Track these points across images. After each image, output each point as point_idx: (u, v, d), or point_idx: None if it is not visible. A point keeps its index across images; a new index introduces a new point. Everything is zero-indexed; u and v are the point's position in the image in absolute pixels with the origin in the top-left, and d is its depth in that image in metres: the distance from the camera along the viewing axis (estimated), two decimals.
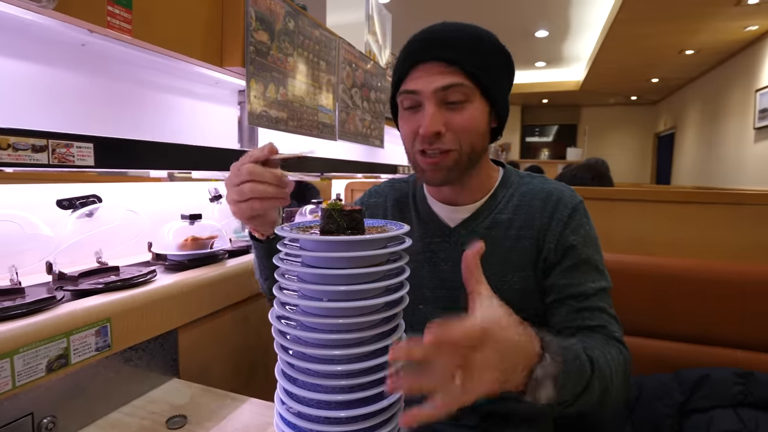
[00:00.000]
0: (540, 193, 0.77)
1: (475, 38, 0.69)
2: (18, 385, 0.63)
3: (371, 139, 1.92)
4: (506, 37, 3.01)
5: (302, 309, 0.53)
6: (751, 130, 5.28)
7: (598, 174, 1.98)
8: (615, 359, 0.62)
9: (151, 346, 0.87)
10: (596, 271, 0.74)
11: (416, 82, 0.69)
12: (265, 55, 1.09)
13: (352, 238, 0.49)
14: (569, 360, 0.52)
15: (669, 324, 1.08)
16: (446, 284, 0.78)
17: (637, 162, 10.12)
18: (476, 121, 0.70)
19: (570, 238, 0.73)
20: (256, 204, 0.62)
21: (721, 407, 0.90)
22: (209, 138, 1.33)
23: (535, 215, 0.76)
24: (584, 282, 0.72)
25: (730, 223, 1.23)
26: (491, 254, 0.75)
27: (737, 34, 5.13)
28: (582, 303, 0.71)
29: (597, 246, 0.76)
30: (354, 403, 0.50)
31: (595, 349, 0.60)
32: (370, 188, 0.94)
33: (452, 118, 0.69)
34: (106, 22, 0.74)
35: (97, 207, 0.98)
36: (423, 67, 0.69)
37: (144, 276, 0.89)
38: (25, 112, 0.86)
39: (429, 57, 0.68)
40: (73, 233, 0.91)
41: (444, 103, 0.69)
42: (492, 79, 0.70)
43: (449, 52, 0.67)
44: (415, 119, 0.71)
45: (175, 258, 1.04)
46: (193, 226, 1.10)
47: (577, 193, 0.79)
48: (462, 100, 0.68)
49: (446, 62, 0.67)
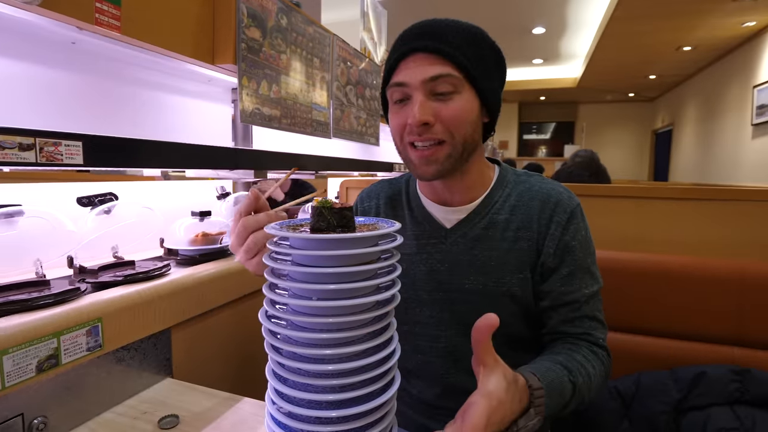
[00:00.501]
0: (538, 194, 0.76)
1: (464, 32, 0.69)
2: (8, 385, 0.62)
3: (366, 137, 1.91)
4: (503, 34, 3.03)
5: (292, 308, 0.52)
6: (749, 126, 5.29)
7: (595, 171, 1.98)
8: (597, 373, 0.69)
9: (143, 346, 0.86)
10: (590, 275, 0.75)
11: (405, 73, 0.68)
12: (258, 52, 1.08)
13: (342, 236, 0.48)
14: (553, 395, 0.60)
15: (666, 321, 1.08)
16: (443, 286, 0.78)
17: (635, 159, 10.14)
18: (466, 113, 0.69)
19: (569, 243, 0.73)
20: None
21: (718, 405, 0.90)
22: (203, 136, 1.32)
23: (533, 216, 0.75)
24: (579, 289, 0.74)
25: (728, 219, 1.23)
26: (488, 257, 0.75)
27: (734, 30, 5.14)
28: (575, 312, 0.74)
29: (592, 247, 0.77)
30: (345, 402, 0.49)
31: (579, 372, 0.66)
32: (361, 193, 0.93)
33: (441, 109, 0.68)
34: (94, 19, 0.73)
35: (114, 204, 1.02)
36: (412, 59, 0.68)
37: (160, 269, 0.94)
38: (16, 110, 0.85)
39: (417, 48, 0.68)
40: (92, 229, 0.96)
41: (433, 94, 0.68)
42: (481, 71, 0.69)
43: (437, 43, 0.67)
44: (404, 112, 0.70)
45: (187, 253, 1.09)
46: (203, 223, 1.16)
47: (575, 192, 0.79)
48: (451, 91, 0.67)
49: (435, 53, 0.67)
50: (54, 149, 0.67)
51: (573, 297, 0.73)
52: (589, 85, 8.28)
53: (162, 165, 0.90)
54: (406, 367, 0.82)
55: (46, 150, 0.66)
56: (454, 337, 0.77)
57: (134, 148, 0.82)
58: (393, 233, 0.53)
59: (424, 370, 0.80)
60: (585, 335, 0.73)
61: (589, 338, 0.73)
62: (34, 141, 0.64)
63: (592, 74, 7.48)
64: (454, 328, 0.77)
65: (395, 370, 0.55)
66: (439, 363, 0.79)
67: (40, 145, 0.65)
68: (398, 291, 0.54)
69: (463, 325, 0.76)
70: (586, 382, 0.66)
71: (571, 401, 0.64)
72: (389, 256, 0.54)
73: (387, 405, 0.53)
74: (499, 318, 0.58)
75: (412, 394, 0.83)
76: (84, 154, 0.71)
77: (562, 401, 0.62)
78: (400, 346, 0.55)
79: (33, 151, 0.64)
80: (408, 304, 0.80)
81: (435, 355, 0.79)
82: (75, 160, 0.70)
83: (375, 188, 0.92)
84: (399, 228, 0.53)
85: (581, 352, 0.71)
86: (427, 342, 0.79)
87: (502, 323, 0.59)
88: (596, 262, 0.77)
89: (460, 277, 0.76)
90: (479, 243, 0.76)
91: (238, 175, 1.21)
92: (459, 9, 5.38)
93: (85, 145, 0.71)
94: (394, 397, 0.54)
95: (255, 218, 0.60)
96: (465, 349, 0.77)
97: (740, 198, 1.22)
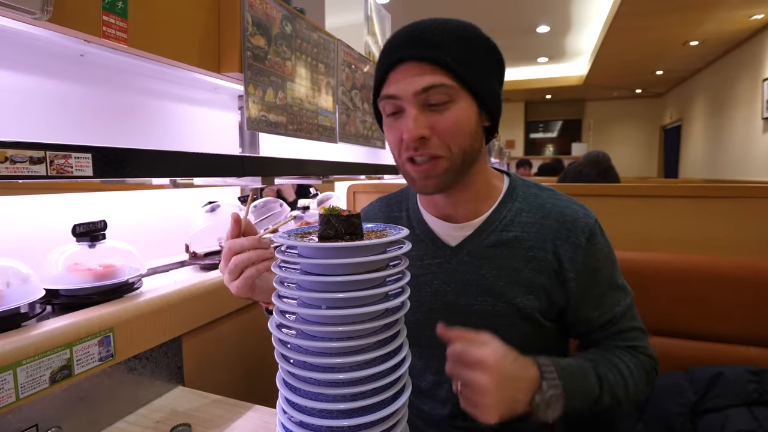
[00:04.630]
0: (553, 212, 0.71)
1: (455, 33, 0.64)
2: (22, 397, 0.63)
3: (373, 141, 1.91)
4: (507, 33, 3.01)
5: (302, 317, 0.52)
6: (760, 120, 5.21)
7: (603, 169, 1.96)
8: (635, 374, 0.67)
9: (155, 355, 0.87)
10: (619, 289, 0.73)
11: (395, 86, 0.64)
12: (263, 59, 1.09)
13: (350, 244, 0.48)
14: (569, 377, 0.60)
15: (679, 321, 1.06)
16: (450, 308, 0.73)
17: (644, 155, 10.04)
18: (463, 123, 0.64)
19: (594, 266, 0.70)
20: (248, 272, 0.63)
21: (735, 406, 0.88)
22: (210, 144, 1.33)
23: (548, 236, 0.70)
24: (612, 307, 0.72)
25: (740, 217, 1.21)
26: (498, 276, 0.70)
27: (742, 23, 5.07)
28: (612, 328, 0.72)
29: (615, 261, 0.74)
30: (356, 411, 0.49)
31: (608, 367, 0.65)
32: (363, 209, 0.90)
33: (437, 121, 0.63)
34: (101, 32, 0.74)
35: (219, 205, 1.30)
36: (401, 69, 0.64)
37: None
38: (26, 123, 0.86)
39: (406, 57, 0.63)
40: (203, 223, 1.26)
41: (427, 106, 0.63)
42: (477, 74, 0.64)
43: (427, 50, 0.62)
44: (399, 125, 0.66)
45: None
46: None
47: (582, 192, 0.78)
48: (445, 101, 0.63)
49: (425, 61, 0.62)
50: (64, 162, 0.67)
51: (607, 318, 0.72)
52: (595, 83, 8.21)
53: (170, 174, 0.91)
54: (419, 387, 0.80)
55: (56, 163, 0.66)
56: None
57: (142, 159, 0.82)
58: (402, 239, 0.53)
59: (436, 390, 0.78)
60: (628, 348, 0.72)
61: (631, 351, 0.71)
62: (44, 154, 0.65)
63: (598, 71, 7.42)
64: None
65: (406, 378, 0.55)
66: (451, 384, 0.76)
67: (50, 158, 0.66)
68: (408, 298, 0.54)
69: None
70: (618, 378, 0.65)
71: (602, 394, 0.64)
72: (398, 263, 0.54)
73: (398, 413, 0.52)
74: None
75: (424, 411, 0.81)
76: (93, 166, 0.72)
77: (588, 389, 0.62)
78: (410, 354, 0.55)
79: (44, 164, 0.65)
80: (416, 326, 0.75)
81: (446, 377, 0.77)
82: (84, 171, 0.70)
83: (373, 208, 0.89)
84: (407, 234, 0.53)
85: (616, 354, 0.69)
86: (437, 363, 0.76)
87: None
88: (621, 272, 0.75)
89: (468, 298, 0.72)
90: (487, 262, 0.71)
91: (246, 182, 1.21)
92: (462, 10, 5.38)
93: (94, 157, 0.72)
94: (406, 405, 0.54)
95: (239, 242, 0.63)
96: None
97: (752, 195, 1.20)
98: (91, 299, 0.80)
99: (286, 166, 1.28)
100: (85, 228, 0.84)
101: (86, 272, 0.82)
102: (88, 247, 0.85)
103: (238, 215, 0.66)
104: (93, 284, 0.82)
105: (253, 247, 0.63)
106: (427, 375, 0.79)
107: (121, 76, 1.04)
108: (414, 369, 0.80)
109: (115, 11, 0.77)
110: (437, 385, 0.78)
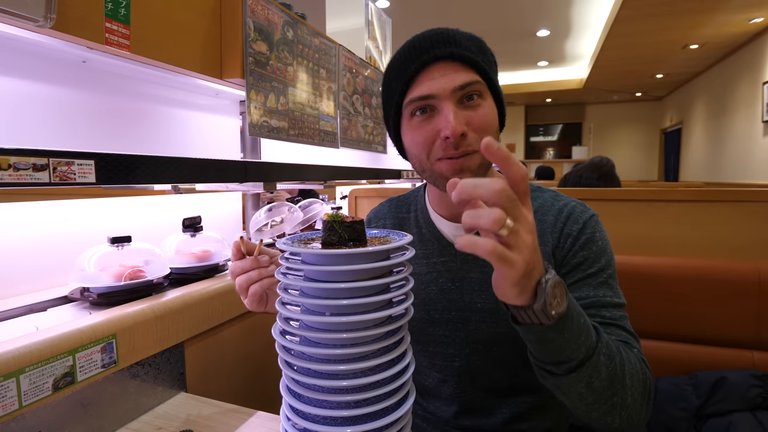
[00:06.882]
0: (551, 209, 0.74)
1: (473, 39, 0.68)
2: (25, 404, 0.62)
3: (374, 145, 1.91)
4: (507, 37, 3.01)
5: (305, 324, 0.52)
6: (760, 123, 5.22)
7: (604, 173, 1.96)
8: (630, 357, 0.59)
9: (157, 361, 0.87)
10: (607, 286, 0.69)
11: (430, 85, 0.65)
12: (264, 65, 1.09)
13: (354, 251, 0.48)
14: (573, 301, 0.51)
15: (682, 325, 1.06)
16: (455, 306, 0.75)
17: (644, 158, 10.04)
18: (492, 118, 0.68)
19: (579, 254, 0.69)
20: (253, 290, 0.66)
21: (739, 411, 0.88)
22: (212, 149, 1.33)
23: (546, 230, 0.72)
24: (595, 295, 0.67)
25: (741, 221, 1.21)
26: None
27: (742, 26, 5.08)
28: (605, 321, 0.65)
29: (612, 261, 0.71)
30: (361, 418, 0.49)
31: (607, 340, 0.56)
32: (369, 214, 0.92)
33: (472, 118, 0.65)
34: (104, 39, 0.75)
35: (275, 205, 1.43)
36: (435, 68, 0.65)
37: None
38: (29, 130, 0.86)
39: (440, 56, 0.65)
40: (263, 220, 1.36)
41: (461, 103, 0.65)
42: (494, 75, 0.69)
43: (459, 49, 0.65)
44: (429, 125, 0.66)
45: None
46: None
47: (583, 196, 0.78)
48: (478, 99, 0.66)
49: (459, 60, 0.65)
50: (67, 168, 0.68)
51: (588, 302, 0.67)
52: (595, 86, 8.23)
53: (172, 180, 0.91)
54: (424, 386, 0.81)
55: (59, 170, 0.66)
56: (470, 356, 0.76)
57: (145, 165, 0.82)
58: (405, 245, 0.53)
59: (441, 388, 0.79)
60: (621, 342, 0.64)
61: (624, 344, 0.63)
62: (47, 161, 0.65)
63: (598, 75, 7.44)
64: (470, 347, 0.75)
65: (410, 385, 0.54)
66: (456, 382, 0.77)
67: (53, 165, 0.66)
68: (411, 304, 0.54)
69: (478, 344, 0.75)
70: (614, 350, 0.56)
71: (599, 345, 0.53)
72: (402, 269, 0.54)
73: (403, 420, 0.52)
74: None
75: (429, 411, 0.82)
76: (96, 173, 0.72)
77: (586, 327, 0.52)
78: (414, 360, 0.55)
79: (47, 171, 0.65)
80: (421, 324, 0.78)
81: (451, 374, 0.77)
82: (87, 178, 0.70)
83: (382, 208, 0.91)
84: (411, 240, 0.53)
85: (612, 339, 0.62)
86: (442, 361, 0.78)
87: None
88: (616, 277, 0.71)
89: (472, 296, 0.74)
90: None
91: (248, 187, 1.21)
92: (463, 15, 5.39)
93: (97, 164, 0.72)
94: (410, 412, 0.54)
95: (239, 264, 0.66)
96: (481, 368, 0.76)
97: (753, 199, 1.20)
98: (196, 276, 1.04)
99: (287, 171, 1.29)
100: (189, 221, 1.09)
101: (191, 256, 1.07)
102: (190, 237, 1.10)
103: (239, 243, 0.67)
104: (196, 264, 1.06)
105: (252, 267, 0.66)
106: (432, 373, 0.79)
107: (124, 82, 1.04)
108: (419, 367, 0.81)
109: (117, 18, 0.77)
110: (442, 383, 0.78)
